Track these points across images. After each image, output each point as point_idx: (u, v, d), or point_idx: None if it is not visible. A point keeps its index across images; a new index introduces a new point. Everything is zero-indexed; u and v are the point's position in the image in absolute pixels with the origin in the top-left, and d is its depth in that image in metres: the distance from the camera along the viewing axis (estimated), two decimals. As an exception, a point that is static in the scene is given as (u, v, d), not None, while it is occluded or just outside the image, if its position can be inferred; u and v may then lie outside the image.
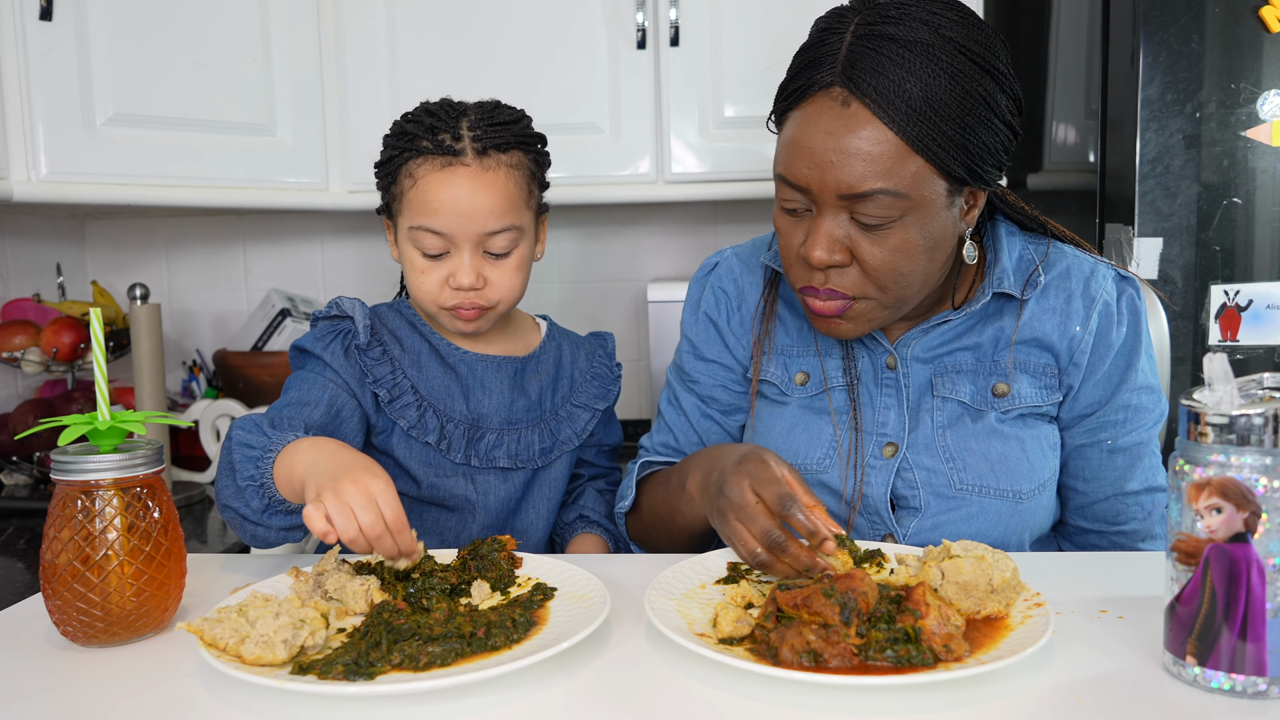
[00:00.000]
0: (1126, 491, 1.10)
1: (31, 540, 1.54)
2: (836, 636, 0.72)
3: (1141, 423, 1.08)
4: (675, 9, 1.82)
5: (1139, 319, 1.08)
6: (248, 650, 0.73)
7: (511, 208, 1.13)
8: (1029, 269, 1.09)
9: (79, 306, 1.98)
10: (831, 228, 0.97)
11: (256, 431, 0.99)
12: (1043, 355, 1.08)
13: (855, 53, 0.93)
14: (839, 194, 0.94)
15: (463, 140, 1.11)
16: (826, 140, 0.93)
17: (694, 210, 2.25)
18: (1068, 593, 0.89)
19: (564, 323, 1.43)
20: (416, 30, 1.87)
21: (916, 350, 1.10)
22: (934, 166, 0.94)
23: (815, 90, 0.95)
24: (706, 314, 1.20)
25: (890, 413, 1.09)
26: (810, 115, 0.95)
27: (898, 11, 0.94)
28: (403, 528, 0.87)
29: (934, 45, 0.92)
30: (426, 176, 1.11)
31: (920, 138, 0.92)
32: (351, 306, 1.17)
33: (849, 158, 0.93)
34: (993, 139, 0.96)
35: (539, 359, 1.25)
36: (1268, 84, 1.49)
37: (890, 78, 0.91)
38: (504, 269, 1.15)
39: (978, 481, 1.06)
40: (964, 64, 0.93)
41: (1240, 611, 0.67)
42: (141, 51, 1.68)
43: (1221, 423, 0.67)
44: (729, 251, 1.23)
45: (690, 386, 1.21)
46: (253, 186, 1.83)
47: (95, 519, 0.81)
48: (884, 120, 0.92)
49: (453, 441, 1.16)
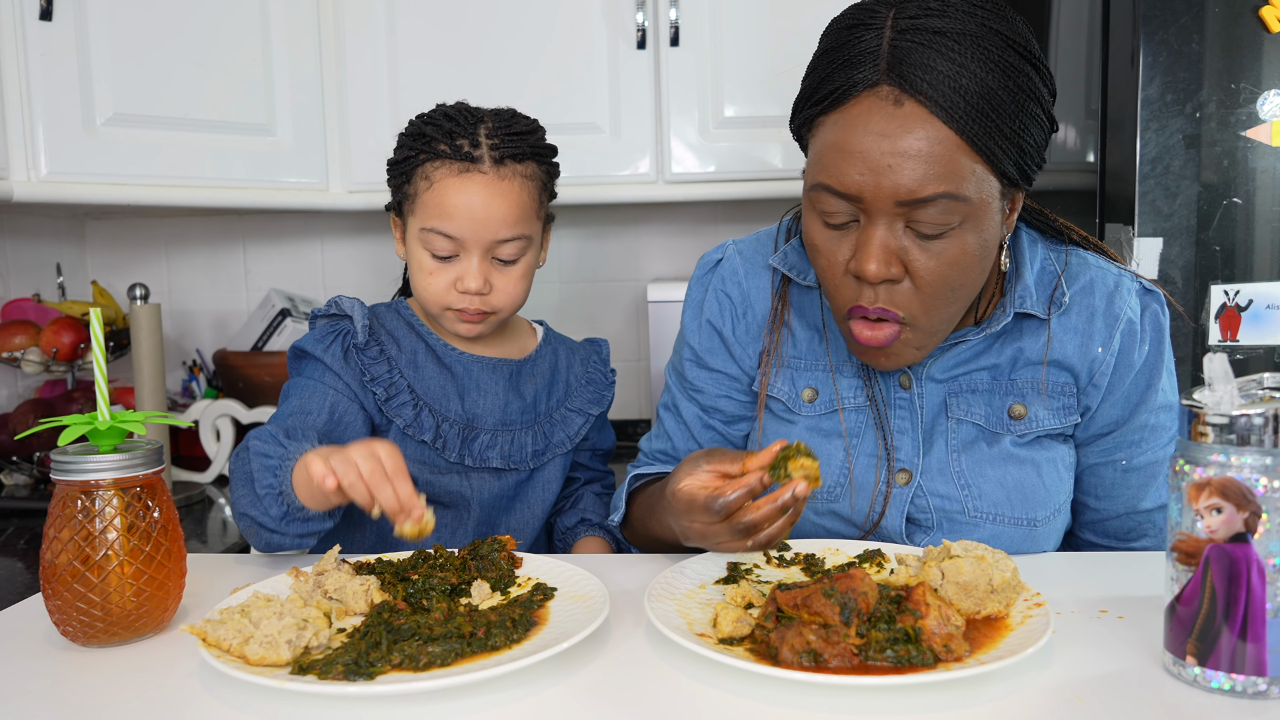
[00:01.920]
0: (1140, 510, 1.07)
1: (31, 540, 1.54)
2: (836, 636, 0.72)
3: (1158, 441, 1.05)
4: (675, 9, 1.82)
5: (1162, 335, 1.04)
6: (252, 651, 0.73)
7: (523, 217, 1.14)
8: (1051, 282, 1.03)
9: (79, 306, 1.98)
10: (886, 237, 0.89)
11: (273, 442, 1.00)
12: (1062, 375, 1.03)
13: (901, 48, 0.86)
14: (897, 200, 0.87)
15: (481, 148, 1.12)
16: (880, 143, 0.86)
17: (694, 210, 2.25)
18: (1068, 593, 0.89)
19: (564, 323, 1.44)
20: (416, 30, 1.87)
21: (933, 370, 1.04)
22: (991, 167, 0.89)
23: (859, 90, 0.88)
24: (710, 322, 1.13)
25: (905, 437, 1.04)
26: (856, 118, 0.88)
27: (939, 4, 0.88)
28: (403, 476, 0.87)
29: (982, 37, 0.86)
30: (443, 180, 1.12)
31: (980, 135, 0.86)
32: (350, 306, 1.18)
33: (907, 160, 0.86)
34: (1040, 135, 0.92)
35: (535, 362, 1.26)
36: (1268, 84, 1.49)
37: (943, 72, 0.85)
38: (510, 276, 1.16)
39: (992, 510, 1.02)
40: (1013, 56, 0.87)
41: (1240, 611, 0.67)
42: (141, 51, 1.68)
43: (1221, 423, 0.67)
44: (732, 248, 1.15)
45: (693, 395, 1.15)
46: (253, 186, 1.83)
47: (95, 519, 0.81)
48: (942, 118, 0.85)
49: (448, 441, 1.17)
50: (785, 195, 1.88)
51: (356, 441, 0.89)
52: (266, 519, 0.98)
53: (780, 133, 1.86)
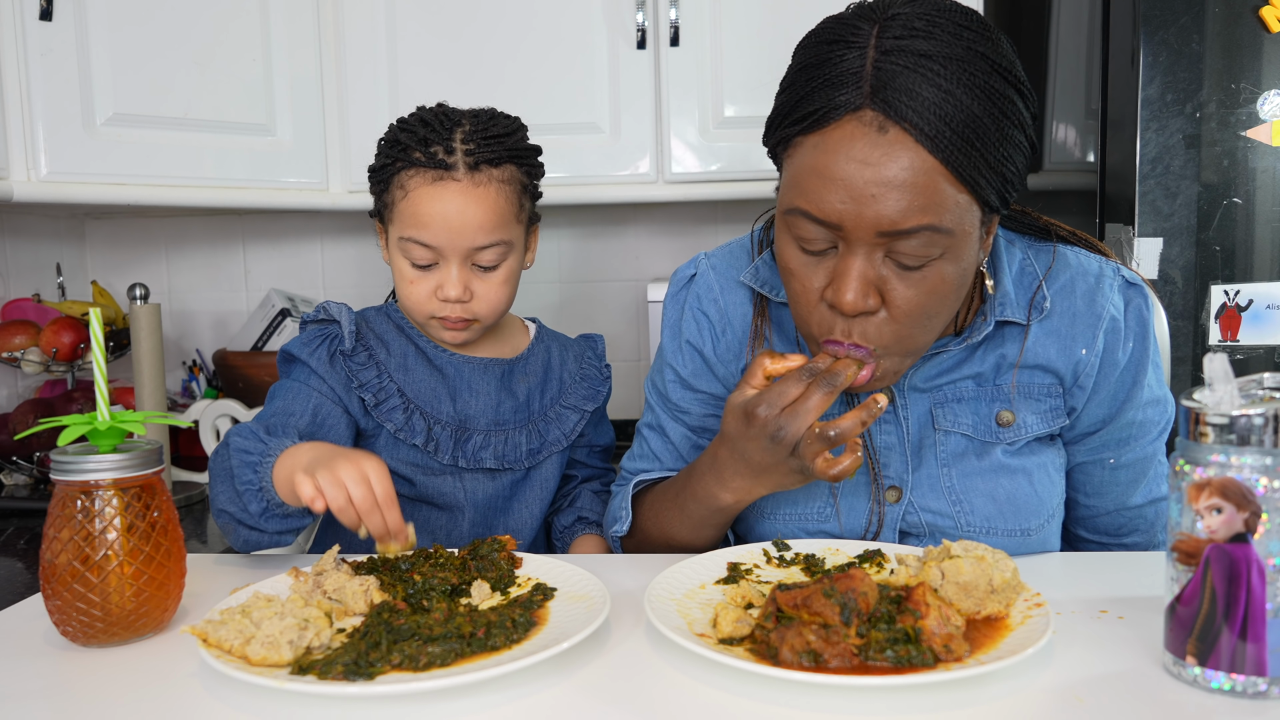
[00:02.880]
0: (1130, 505, 1.07)
1: (31, 540, 1.54)
2: (836, 636, 0.72)
3: (1146, 436, 1.04)
4: (675, 9, 1.82)
5: (1146, 330, 1.01)
6: (253, 651, 0.73)
7: (501, 223, 1.13)
8: (1031, 284, 1.01)
9: (79, 306, 1.98)
10: (865, 268, 0.86)
11: (253, 438, 1.01)
12: (1045, 377, 1.01)
13: (885, 71, 0.82)
14: (879, 230, 0.84)
15: (455, 154, 1.11)
16: (863, 170, 0.83)
17: (694, 210, 2.25)
18: (1068, 593, 0.89)
19: (563, 323, 1.43)
20: (416, 30, 1.87)
21: (915, 380, 1.03)
22: (974, 196, 0.86)
23: (841, 114, 0.84)
24: (690, 342, 1.09)
25: (893, 453, 1.03)
26: (838, 142, 0.84)
27: (924, 24, 0.83)
28: (392, 504, 0.89)
29: (968, 61, 0.83)
30: (418, 190, 1.11)
31: (965, 165, 0.83)
32: (338, 311, 1.18)
33: (891, 190, 0.82)
34: (1022, 161, 0.88)
35: (527, 361, 1.25)
36: (1268, 84, 1.49)
37: (929, 99, 0.81)
38: (491, 282, 1.15)
39: (984, 524, 1.01)
40: (998, 81, 0.84)
41: (1240, 611, 0.67)
42: (141, 51, 1.68)
43: (1222, 423, 0.67)
44: (705, 263, 1.11)
45: (679, 417, 1.12)
46: (253, 186, 1.83)
47: (95, 519, 0.81)
48: (927, 147, 0.82)
49: (440, 443, 1.17)
50: (785, 195, 1.88)
51: (344, 456, 0.89)
52: (245, 515, 0.98)
53: (780, 133, 1.86)
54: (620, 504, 1.11)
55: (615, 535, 1.11)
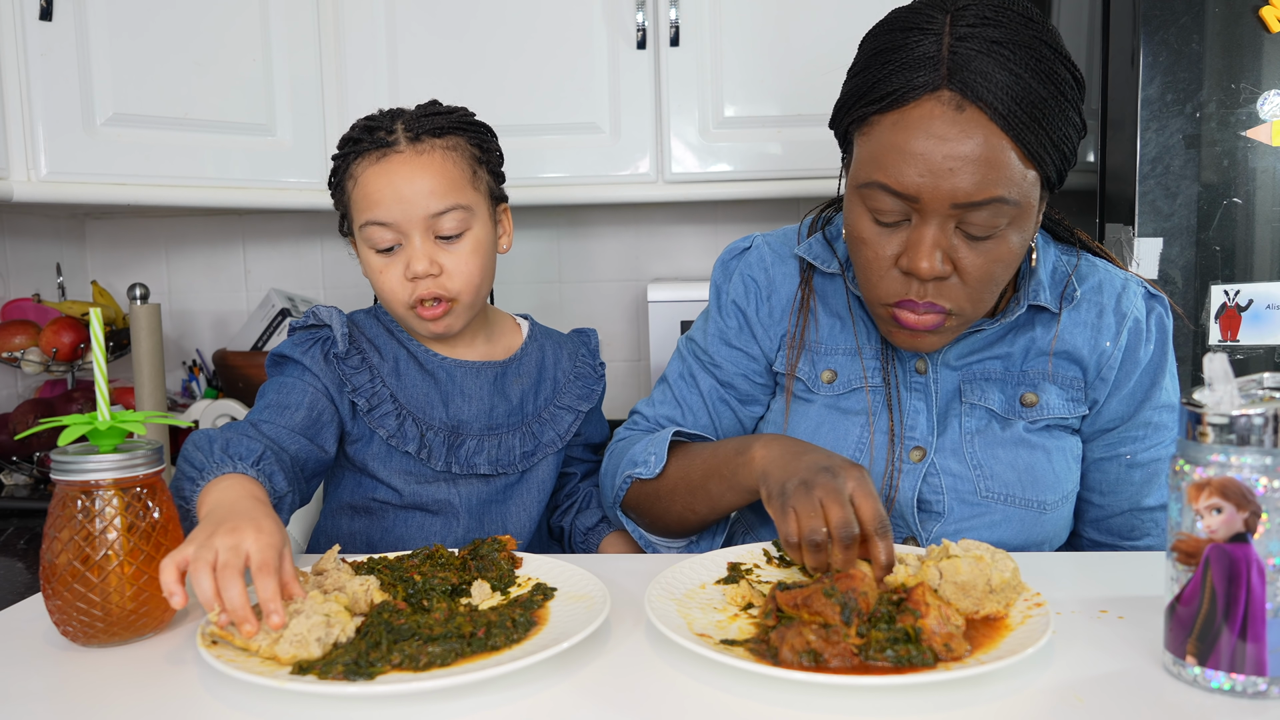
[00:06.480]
0: (1142, 507, 1.10)
1: (31, 540, 1.54)
2: (836, 636, 0.72)
3: (1161, 440, 1.09)
4: (675, 9, 1.82)
5: (1166, 338, 1.08)
6: (283, 650, 0.74)
7: (453, 187, 1.12)
8: (1062, 280, 1.08)
9: (79, 306, 1.98)
10: (938, 237, 0.93)
11: (205, 450, 0.98)
12: (1071, 368, 1.07)
13: (961, 55, 0.90)
14: (954, 202, 0.91)
15: (396, 133, 1.12)
16: (941, 146, 0.90)
17: (694, 210, 2.25)
18: (1068, 593, 0.89)
19: (563, 323, 1.43)
20: (416, 30, 1.87)
21: (948, 356, 1.08)
22: (1039, 171, 0.93)
23: (920, 94, 0.91)
24: (735, 302, 1.16)
25: (919, 416, 1.08)
26: (917, 120, 0.91)
27: (994, 14, 0.91)
28: (268, 575, 0.77)
29: (1034, 47, 0.90)
30: (365, 172, 1.12)
31: (1032, 142, 0.91)
32: (329, 315, 1.17)
33: (967, 164, 0.90)
34: (1077, 139, 0.96)
35: (520, 361, 1.24)
36: (1268, 84, 1.49)
37: (1001, 81, 0.89)
38: (458, 254, 1.13)
39: (1004, 490, 1.05)
40: (1059, 67, 0.91)
41: (1240, 611, 0.67)
42: (141, 51, 1.68)
43: (1221, 423, 0.67)
44: (760, 239, 1.19)
45: (710, 369, 1.17)
46: (253, 186, 1.83)
47: (95, 519, 0.81)
48: (1001, 126, 0.89)
49: (433, 449, 1.16)
50: (785, 195, 1.88)
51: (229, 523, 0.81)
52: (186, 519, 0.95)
53: (780, 132, 1.86)
54: (651, 449, 1.10)
55: (635, 476, 1.10)
